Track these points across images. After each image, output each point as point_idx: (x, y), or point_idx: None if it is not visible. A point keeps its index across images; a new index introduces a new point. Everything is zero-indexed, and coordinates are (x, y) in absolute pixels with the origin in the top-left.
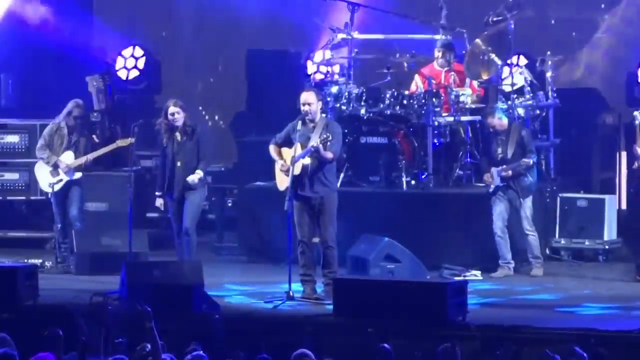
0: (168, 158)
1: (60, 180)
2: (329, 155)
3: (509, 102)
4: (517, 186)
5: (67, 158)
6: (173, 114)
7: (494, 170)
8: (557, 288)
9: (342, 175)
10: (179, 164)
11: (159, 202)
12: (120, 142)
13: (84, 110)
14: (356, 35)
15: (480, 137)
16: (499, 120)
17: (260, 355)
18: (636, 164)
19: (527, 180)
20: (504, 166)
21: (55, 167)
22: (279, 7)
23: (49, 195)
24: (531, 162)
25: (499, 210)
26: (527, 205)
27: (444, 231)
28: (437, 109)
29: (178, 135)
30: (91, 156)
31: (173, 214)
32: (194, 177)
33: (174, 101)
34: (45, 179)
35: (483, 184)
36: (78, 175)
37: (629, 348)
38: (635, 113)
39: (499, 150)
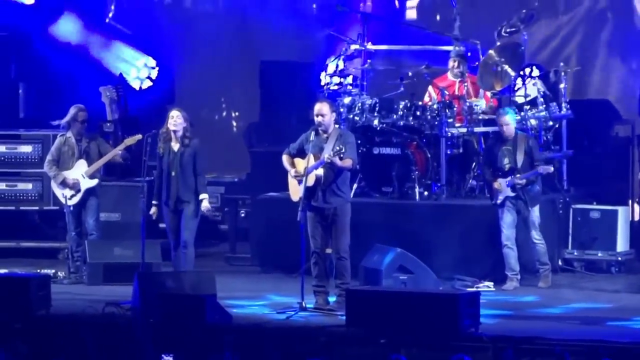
0: (164, 167)
1: (79, 190)
2: (348, 162)
3: (522, 114)
4: (525, 195)
5: (81, 167)
6: (173, 117)
7: (502, 181)
8: (569, 300)
9: (355, 186)
10: (173, 173)
11: (153, 210)
12: (129, 141)
13: (87, 112)
14: (369, 46)
15: (481, 149)
16: (507, 125)
17: None
18: None
19: (535, 188)
20: (518, 175)
21: (64, 183)
22: (292, 19)
23: (65, 205)
24: (552, 168)
25: (508, 221)
26: (535, 215)
27: (456, 242)
28: (450, 120)
29: (175, 146)
30: (106, 159)
31: (169, 226)
32: (206, 206)
33: (178, 108)
34: (63, 191)
35: (489, 197)
36: (94, 182)
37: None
38: None
39: (506, 160)
